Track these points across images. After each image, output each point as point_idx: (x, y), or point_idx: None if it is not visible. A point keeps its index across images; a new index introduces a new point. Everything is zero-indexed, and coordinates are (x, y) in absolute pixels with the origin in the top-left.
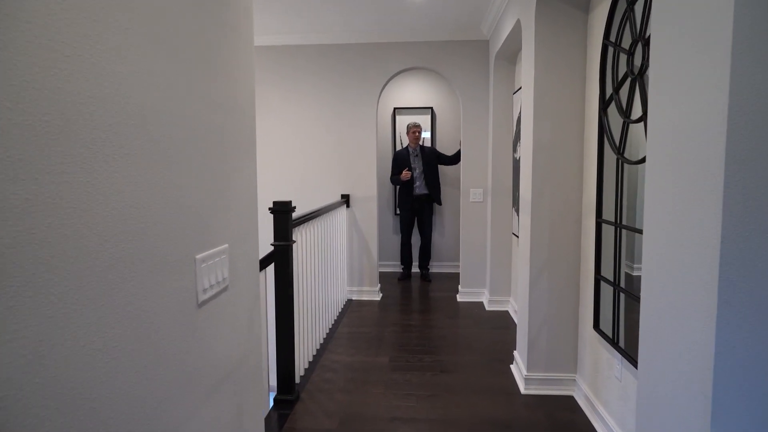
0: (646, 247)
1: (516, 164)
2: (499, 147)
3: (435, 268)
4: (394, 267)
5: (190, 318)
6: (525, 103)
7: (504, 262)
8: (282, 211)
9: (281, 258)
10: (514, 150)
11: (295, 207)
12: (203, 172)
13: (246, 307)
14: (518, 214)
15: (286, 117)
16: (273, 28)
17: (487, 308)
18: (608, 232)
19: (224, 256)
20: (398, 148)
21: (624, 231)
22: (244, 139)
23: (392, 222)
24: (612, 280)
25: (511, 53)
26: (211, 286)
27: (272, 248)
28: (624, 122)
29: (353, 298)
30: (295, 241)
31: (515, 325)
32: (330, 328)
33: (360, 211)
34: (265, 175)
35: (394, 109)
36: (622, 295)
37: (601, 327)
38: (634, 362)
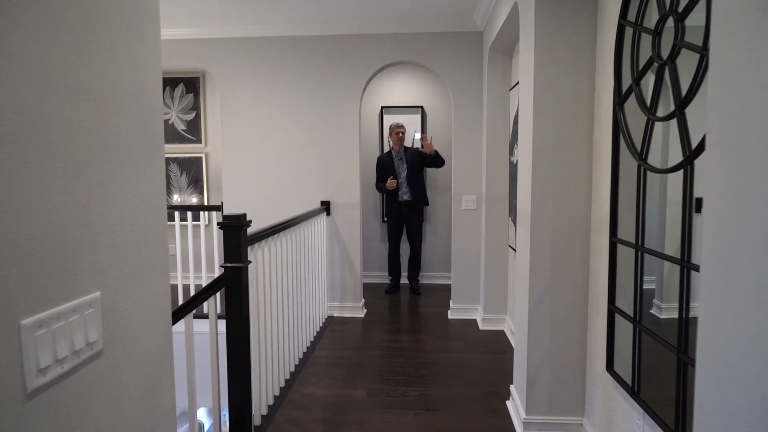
0: (706, 299)
1: (513, 169)
2: (493, 149)
3: (425, 279)
4: (383, 278)
5: (7, 420)
6: (523, 98)
7: (499, 277)
8: (233, 227)
9: (232, 282)
10: (511, 153)
11: (250, 221)
12: (50, 187)
13: (142, 371)
14: (515, 225)
15: (259, 117)
16: (243, 18)
17: (480, 327)
18: (626, 254)
19: (92, 311)
20: (386, 148)
21: (647, 256)
22: (138, 140)
23: (380, 230)
24: (632, 315)
25: (506, 45)
26: (60, 360)
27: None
28: (648, 120)
29: (334, 315)
30: (250, 261)
31: (512, 348)
32: (305, 352)
33: (342, 219)
34: (235, 181)
35: (382, 108)
36: (644, 334)
37: (616, 369)
38: (661, 423)
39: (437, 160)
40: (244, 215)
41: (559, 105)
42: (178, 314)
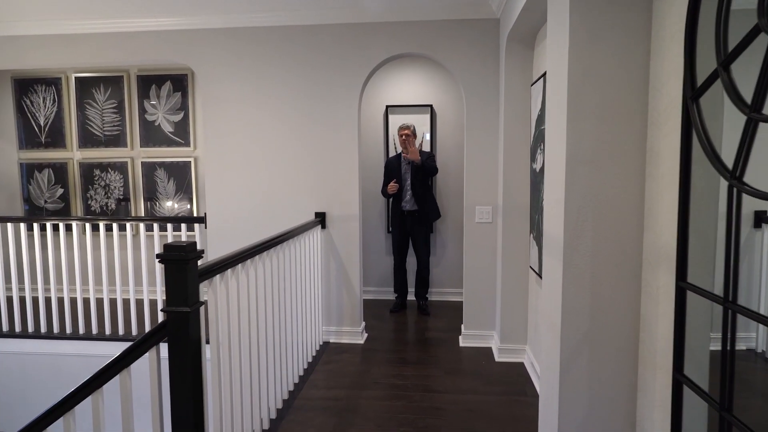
0: None
1: (535, 177)
2: (512, 154)
3: (434, 295)
4: (388, 294)
5: None
6: (553, 94)
7: (518, 302)
8: (176, 261)
9: (176, 332)
10: (533, 159)
11: (202, 251)
12: None
13: None
14: (538, 244)
15: (246, 119)
16: (226, 5)
17: (497, 358)
18: (698, 305)
19: None
20: (392, 153)
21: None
22: None
23: (386, 241)
24: (716, 400)
25: (527, 34)
26: None
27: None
28: (749, 121)
29: (331, 341)
30: (203, 302)
31: (533, 387)
32: (291, 391)
33: (339, 232)
34: (220, 191)
35: (387, 107)
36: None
37: None
38: None
39: (426, 169)
40: (192, 245)
41: (602, 102)
42: (106, 374)
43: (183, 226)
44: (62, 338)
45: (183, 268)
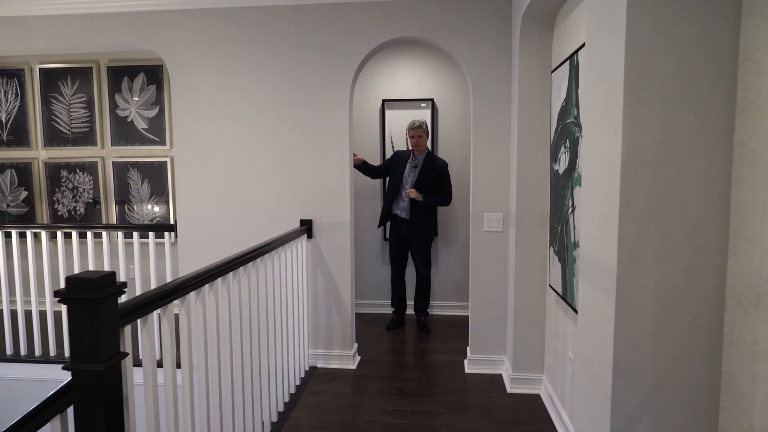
0: None
1: (557, 180)
2: (528, 153)
3: (436, 308)
4: (386, 307)
5: None
6: (595, 74)
7: (534, 325)
8: (82, 300)
9: (86, 398)
10: (554, 159)
11: (124, 284)
12: None
13: None
14: (560, 260)
15: (220, 114)
16: None
17: (508, 389)
18: None
19: None
20: (389, 152)
21: None
22: None
23: (382, 248)
24: None
25: (546, 12)
26: None
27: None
28: None
29: (319, 366)
30: (126, 354)
31: (552, 426)
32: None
33: (327, 242)
34: (192, 195)
35: (383, 102)
36: None
37: None
38: None
39: (435, 205)
40: (108, 276)
41: (671, 81)
42: None
43: (151, 234)
44: (16, 361)
45: (94, 312)
